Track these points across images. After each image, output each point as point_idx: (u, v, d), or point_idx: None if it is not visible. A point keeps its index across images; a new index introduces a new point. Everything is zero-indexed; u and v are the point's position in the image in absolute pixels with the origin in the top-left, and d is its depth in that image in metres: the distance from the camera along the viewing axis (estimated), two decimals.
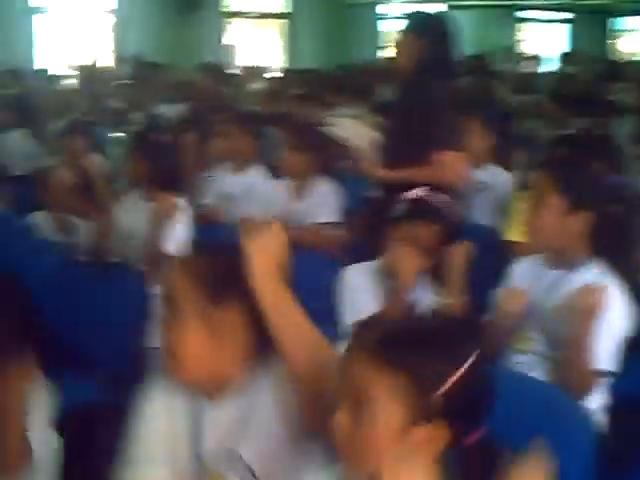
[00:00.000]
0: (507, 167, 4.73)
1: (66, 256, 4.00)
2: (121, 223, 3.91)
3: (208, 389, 1.73)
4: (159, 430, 1.75)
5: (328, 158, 4.36)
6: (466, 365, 1.34)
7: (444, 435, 1.34)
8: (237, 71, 11.37)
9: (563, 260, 2.59)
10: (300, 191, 4.25)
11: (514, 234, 3.55)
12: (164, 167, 3.80)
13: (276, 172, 4.73)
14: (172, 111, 6.96)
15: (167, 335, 1.69)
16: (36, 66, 12.12)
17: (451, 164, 3.53)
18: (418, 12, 3.93)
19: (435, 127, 3.52)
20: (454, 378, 1.33)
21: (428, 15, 3.92)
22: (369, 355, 1.34)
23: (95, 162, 5.41)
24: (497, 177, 4.48)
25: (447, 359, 1.35)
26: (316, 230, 4.11)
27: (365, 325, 1.43)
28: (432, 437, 1.34)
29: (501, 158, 4.67)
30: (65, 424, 2.35)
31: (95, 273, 3.70)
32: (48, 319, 3.74)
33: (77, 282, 3.75)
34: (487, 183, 4.36)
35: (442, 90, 3.64)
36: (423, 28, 3.68)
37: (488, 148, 4.50)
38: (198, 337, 1.64)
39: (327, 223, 4.17)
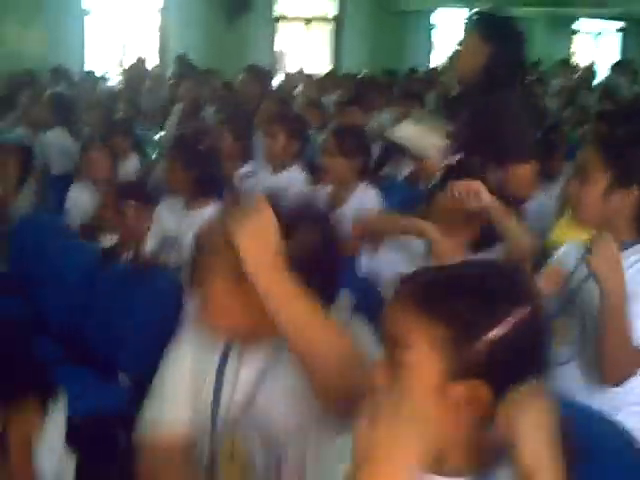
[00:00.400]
0: (550, 179, 4.64)
1: (101, 257, 3.96)
2: (160, 229, 3.82)
3: (237, 340, 1.71)
4: (185, 374, 1.76)
5: (369, 164, 4.22)
6: (511, 319, 1.22)
7: (486, 398, 1.23)
8: (284, 74, 11.36)
9: None
10: (339, 197, 4.13)
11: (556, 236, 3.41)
12: (204, 175, 3.71)
13: (316, 177, 4.63)
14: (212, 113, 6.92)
15: (202, 284, 1.68)
16: (87, 67, 12.24)
17: (523, 177, 3.35)
18: (484, 13, 3.69)
19: (506, 137, 3.32)
20: (497, 331, 1.21)
21: (495, 16, 3.66)
22: (409, 301, 1.26)
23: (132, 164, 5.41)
24: (544, 208, 4.38)
25: (490, 310, 1.23)
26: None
27: (409, 275, 1.35)
28: (472, 397, 1.23)
29: (545, 171, 4.53)
30: (84, 431, 2.36)
31: (129, 276, 3.64)
32: (79, 319, 3.75)
33: (110, 284, 3.70)
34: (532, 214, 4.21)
35: (512, 97, 3.41)
36: (490, 30, 3.44)
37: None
38: (226, 287, 1.62)
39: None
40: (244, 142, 5.00)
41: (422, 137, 3.50)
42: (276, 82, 10.23)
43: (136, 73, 10.69)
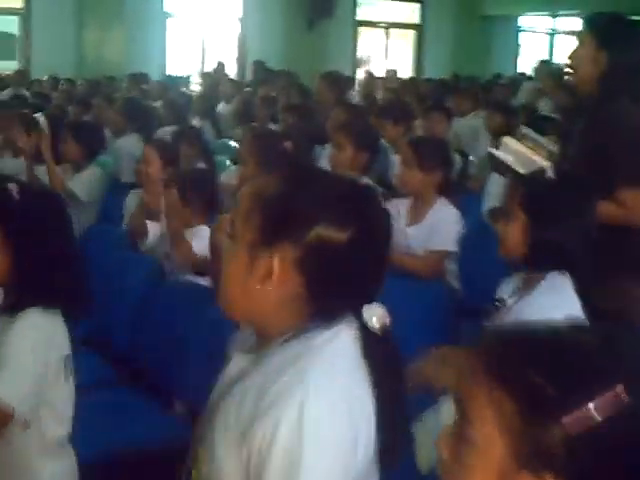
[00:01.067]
0: None
1: (160, 273, 3.76)
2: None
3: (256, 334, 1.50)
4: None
5: (449, 179, 3.91)
6: (605, 402, 0.95)
7: None
8: (363, 80, 11.18)
9: None
10: (415, 213, 3.84)
11: None
12: None
13: (391, 190, 4.35)
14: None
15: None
16: (167, 70, 12.26)
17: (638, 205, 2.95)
18: (599, 16, 3.32)
19: (621, 155, 2.91)
20: (581, 415, 0.95)
21: (612, 19, 3.25)
22: (479, 366, 1.06)
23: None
24: None
25: (576, 386, 0.97)
26: (424, 258, 3.72)
27: (489, 333, 1.16)
28: None
29: None
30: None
31: (184, 296, 3.42)
32: (136, 338, 3.56)
33: (172, 300, 3.49)
34: None
35: (632, 108, 3.03)
36: (607, 35, 3.05)
37: None
38: (239, 269, 1.41)
39: (440, 251, 3.74)
40: (304, 152, 4.74)
41: (525, 156, 3.16)
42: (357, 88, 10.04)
43: (215, 79, 10.62)
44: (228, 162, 6.21)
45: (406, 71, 14.31)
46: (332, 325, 1.38)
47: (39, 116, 5.45)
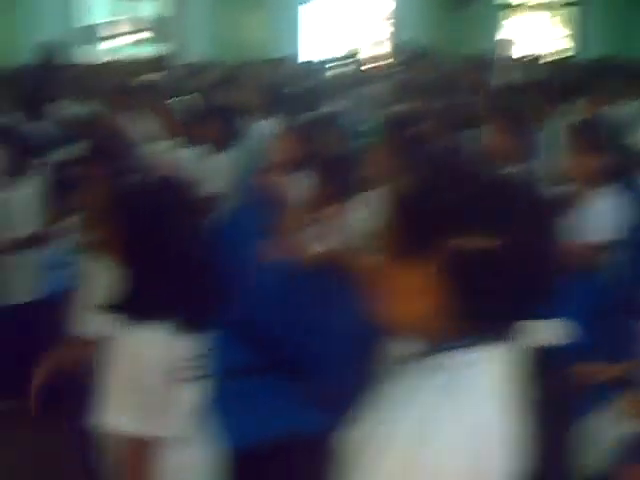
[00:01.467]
0: None
1: None
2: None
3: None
4: None
5: (616, 165, 3.64)
6: None
7: None
8: (508, 63, 10.87)
9: None
10: (574, 200, 3.60)
11: None
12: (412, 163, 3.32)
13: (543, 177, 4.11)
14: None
15: None
16: (308, 53, 12.27)
17: None
18: None
19: None
20: None
21: None
22: None
23: None
24: None
25: None
26: (581, 248, 3.46)
27: None
28: None
29: None
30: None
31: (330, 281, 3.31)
32: (275, 322, 3.50)
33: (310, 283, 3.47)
34: None
35: None
36: None
37: None
38: (386, 281, 1.31)
39: (598, 242, 3.51)
40: (446, 136, 4.56)
41: None
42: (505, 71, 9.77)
43: (356, 63, 10.55)
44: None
45: (558, 53, 13.89)
46: (482, 344, 1.24)
47: (177, 101, 5.48)
